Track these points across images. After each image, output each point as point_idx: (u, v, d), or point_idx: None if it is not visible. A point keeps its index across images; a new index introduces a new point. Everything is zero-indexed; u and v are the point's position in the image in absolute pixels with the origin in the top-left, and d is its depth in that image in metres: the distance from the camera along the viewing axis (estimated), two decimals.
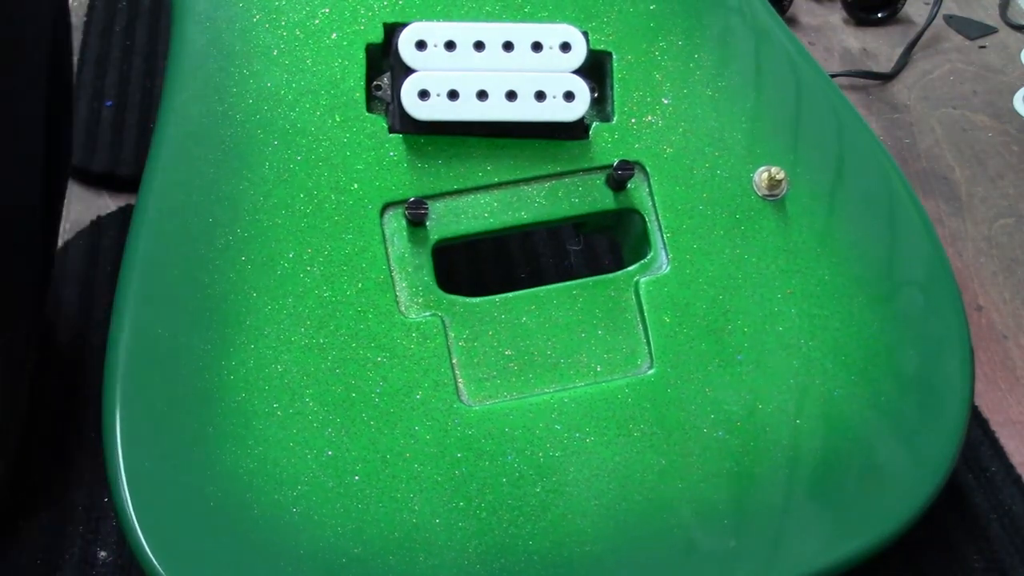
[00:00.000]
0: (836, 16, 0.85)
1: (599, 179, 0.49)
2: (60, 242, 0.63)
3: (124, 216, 0.65)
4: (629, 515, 0.45)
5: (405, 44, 0.46)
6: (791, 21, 0.83)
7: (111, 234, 0.63)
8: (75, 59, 0.74)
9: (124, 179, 0.67)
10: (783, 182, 0.50)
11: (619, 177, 0.48)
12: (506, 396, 0.46)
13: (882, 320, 0.49)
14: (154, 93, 0.73)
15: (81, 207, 0.66)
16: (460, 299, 0.47)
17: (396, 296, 0.46)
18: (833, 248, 0.50)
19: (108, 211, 0.66)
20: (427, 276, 0.47)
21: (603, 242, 0.65)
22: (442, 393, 0.45)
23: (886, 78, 0.79)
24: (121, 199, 0.67)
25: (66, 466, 0.52)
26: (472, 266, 0.63)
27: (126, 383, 0.43)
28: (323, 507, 0.43)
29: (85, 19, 0.78)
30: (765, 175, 0.50)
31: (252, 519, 0.42)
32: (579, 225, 0.53)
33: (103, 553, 0.49)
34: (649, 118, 0.50)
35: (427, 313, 0.46)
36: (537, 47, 0.47)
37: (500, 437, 0.45)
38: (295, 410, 0.44)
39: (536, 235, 0.64)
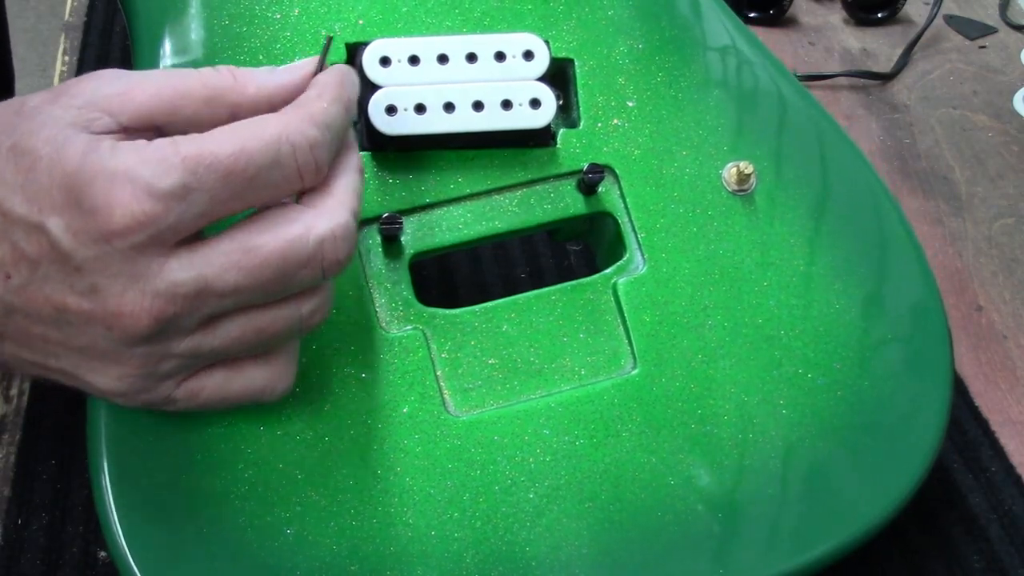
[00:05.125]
0: (836, 16, 0.85)
1: (570, 184, 0.49)
2: None
3: None
4: (623, 515, 0.45)
5: (369, 61, 0.47)
6: (791, 21, 0.84)
7: None
8: (75, 59, 0.73)
9: None
10: (752, 176, 0.50)
11: (589, 180, 0.48)
12: (492, 404, 0.46)
13: (860, 305, 0.49)
14: None
15: None
16: (440, 311, 0.47)
17: (376, 312, 0.46)
18: (806, 238, 0.50)
19: None
20: (406, 291, 0.47)
21: None
22: (428, 405, 0.45)
23: (886, 78, 0.79)
24: None
25: (66, 466, 0.52)
26: (473, 265, 0.63)
27: (111, 416, 0.43)
28: (317, 526, 0.42)
29: (85, 19, 0.77)
30: (734, 170, 0.50)
31: (246, 542, 0.42)
32: (553, 232, 0.53)
33: (103, 553, 0.48)
34: (615, 121, 0.50)
35: (408, 327, 0.46)
36: (500, 57, 0.48)
37: (489, 445, 0.45)
38: (283, 432, 0.43)
39: (536, 235, 0.64)
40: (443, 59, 0.47)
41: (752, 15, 0.83)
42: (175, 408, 0.40)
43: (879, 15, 0.84)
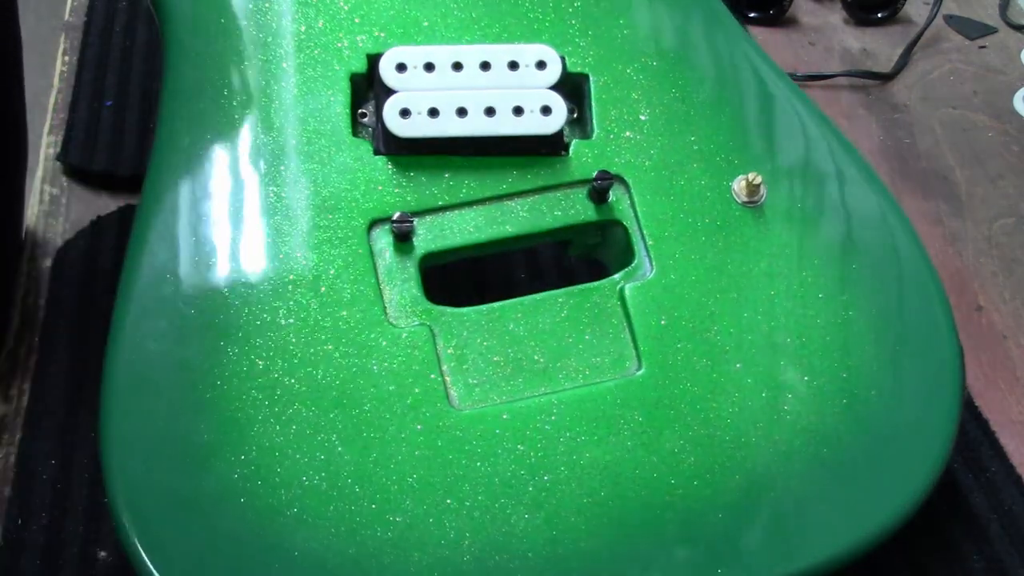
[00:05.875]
0: (836, 16, 0.85)
1: (581, 192, 0.50)
2: (60, 242, 0.64)
3: (123, 216, 0.65)
4: (622, 512, 0.45)
5: (386, 67, 0.48)
6: (791, 21, 0.84)
7: (110, 234, 0.64)
8: (75, 59, 0.74)
9: (124, 179, 0.67)
10: (761, 187, 0.51)
11: (599, 187, 0.49)
12: (496, 400, 0.47)
13: (868, 317, 0.50)
14: (153, 93, 0.72)
15: (81, 207, 0.66)
16: (448, 309, 0.48)
17: (385, 307, 0.47)
18: (814, 250, 0.51)
19: (108, 211, 0.65)
20: (415, 288, 0.48)
21: None
22: (432, 398, 0.46)
23: (886, 78, 0.79)
24: (121, 199, 0.66)
25: (66, 466, 0.52)
26: (474, 264, 0.63)
27: (121, 398, 0.44)
28: (317, 510, 0.43)
29: (85, 19, 0.78)
30: (743, 182, 0.51)
31: (248, 523, 0.43)
32: (566, 245, 0.54)
33: (103, 553, 0.49)
34: (628, 134, 0.52)
35: (415, 323, 0.47)
36: (513, 66, 0.49)
37: (490, 438, 0.46)
38: (288, 417, 0.45)
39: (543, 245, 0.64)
40: (457, 66, 0.49)
41: (752, 15, 0.82)
42: None
43: (879, 15, 0.84)
